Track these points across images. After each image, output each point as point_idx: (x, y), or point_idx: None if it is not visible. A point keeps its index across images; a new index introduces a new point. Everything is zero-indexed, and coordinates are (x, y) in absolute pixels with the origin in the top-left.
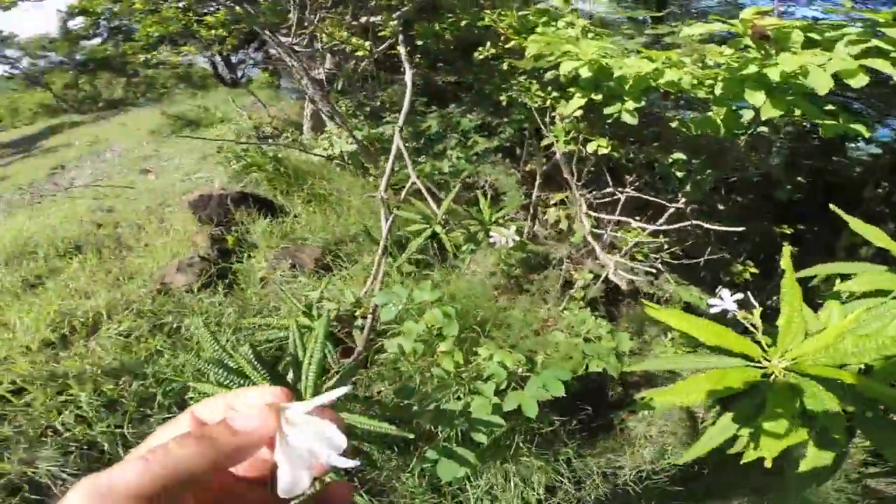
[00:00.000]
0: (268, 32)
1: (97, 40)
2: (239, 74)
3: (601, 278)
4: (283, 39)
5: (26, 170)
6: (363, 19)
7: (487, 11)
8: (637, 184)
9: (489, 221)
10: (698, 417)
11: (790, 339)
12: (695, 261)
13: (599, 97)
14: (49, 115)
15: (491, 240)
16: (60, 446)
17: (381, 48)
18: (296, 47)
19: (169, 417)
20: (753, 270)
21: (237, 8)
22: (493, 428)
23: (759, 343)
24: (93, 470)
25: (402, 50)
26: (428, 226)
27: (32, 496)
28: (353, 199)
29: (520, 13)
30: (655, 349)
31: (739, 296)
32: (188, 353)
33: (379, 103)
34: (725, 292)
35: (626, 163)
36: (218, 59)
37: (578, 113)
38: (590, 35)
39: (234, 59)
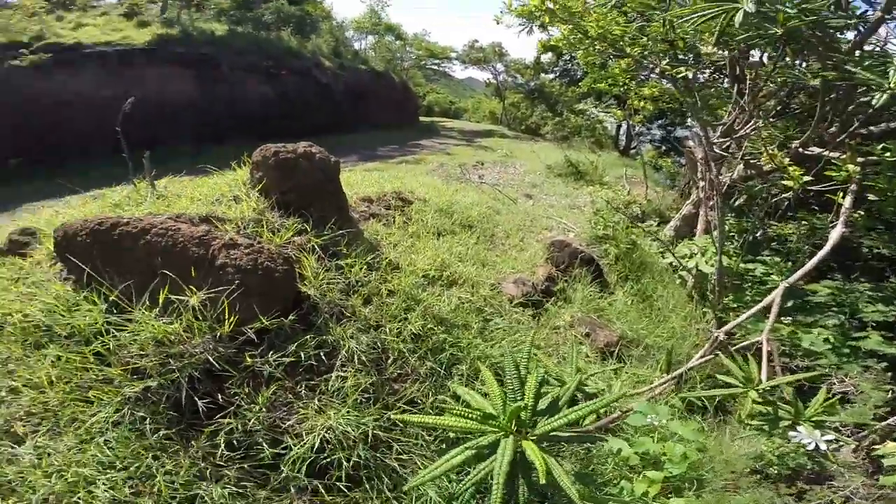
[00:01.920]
0: (697, 120)
1: (551, 76)
2: (632, 144)
3: None
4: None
5: (463, 155)
6: (814, 149)
7: None
8: None
9: (807, 417)
10: None
11: None
12: None
13: None
14: (491, 122)
15: (792, 433)
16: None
17: (819, 188)
18: (715, 144)
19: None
20: None
21: (674, 87)
22: None
23: None
24: None
25: (846, 201)
26: (743, 387)
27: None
28: (674, 316)
29: None
30: None
31: None
32: (487, 342)
33: (766, 234)
34: None
35: None
36: (624, 125)
37: None
38: None
39: (634, 130)
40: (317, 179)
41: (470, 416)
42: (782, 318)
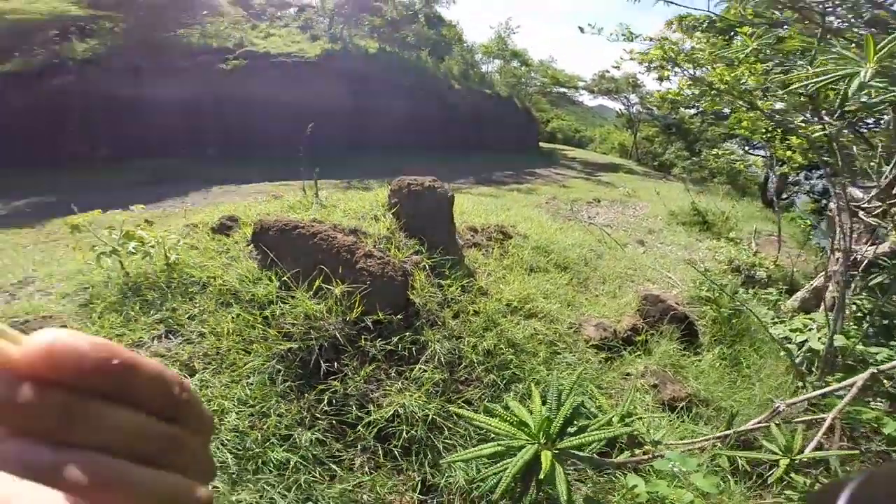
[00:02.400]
0: (832, 183)
1: (692, 111)
2: (784, 195)
3: None
4: (855, 192)
5: (579, 189)
6: None
7: None
8: None
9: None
10: None
11: None
12: None
13: None
14: (620, 154)
15: None
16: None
17: None
18: (862, 210)
19: (497, 381)
20: None
21: (809, 144)
22: None
23: None
24: None
25: None
26: (780, 455)
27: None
28: (761, 385)
29: None
30: None
31: None
32: (549, 370)
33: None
34: None
35: None
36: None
37: None
38: None
39: (790, 178)
40: (434, 209)
41: (510, 420)
42: (878, 402)
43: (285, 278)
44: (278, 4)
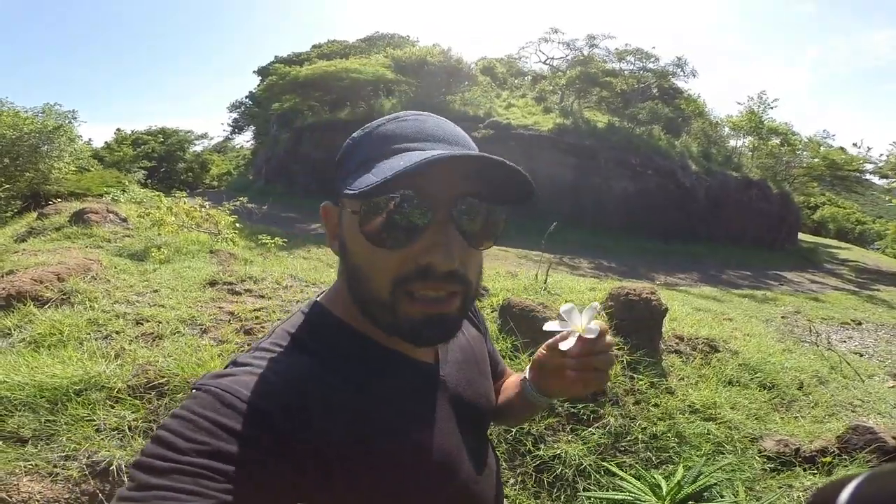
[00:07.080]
0: None
1: None
2: None
3: None
4: None
5: (837, 305)
6: None
7: None
8: None
9: None
10: None
11: None
12: None
13: None
14: None
15: None
16: None
17: None
18: None
19: (650, 458)
20: None
21: None
22: None
23: None
24: None
25: None
26: None
27: None
28: None
29: None
30: None
31: None
32: (706, 463)
33: None
34: None
35: None
36: None
37: None
38: None
39: None
40: (645, 317)
41: (647, 483)
42: None
43: (516, 343)
44: (515, 73)
